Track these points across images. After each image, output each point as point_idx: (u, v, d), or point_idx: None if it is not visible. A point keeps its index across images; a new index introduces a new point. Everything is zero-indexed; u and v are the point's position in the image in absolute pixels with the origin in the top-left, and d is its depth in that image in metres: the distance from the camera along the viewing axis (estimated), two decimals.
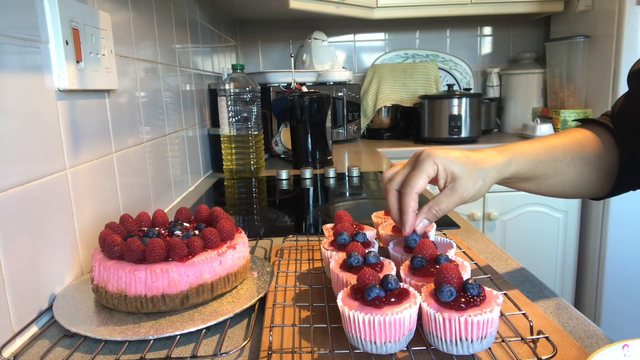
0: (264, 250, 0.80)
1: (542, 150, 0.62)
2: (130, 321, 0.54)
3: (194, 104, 1.40)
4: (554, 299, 0.59)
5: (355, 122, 2.17)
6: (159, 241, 0.55)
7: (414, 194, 0.56)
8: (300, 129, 1.54)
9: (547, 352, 0.45)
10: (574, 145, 0.63)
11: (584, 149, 0.63)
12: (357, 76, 2.51)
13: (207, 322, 0.53)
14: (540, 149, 0.62)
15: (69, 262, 0.65)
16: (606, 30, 1.88)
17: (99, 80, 0.74)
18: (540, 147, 0.62)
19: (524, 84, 2.31)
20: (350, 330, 0.45)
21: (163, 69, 1.11)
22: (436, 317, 0.43)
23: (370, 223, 0.75)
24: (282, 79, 1.89)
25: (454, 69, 2.48)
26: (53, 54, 0.63)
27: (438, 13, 2.15)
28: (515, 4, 2.13)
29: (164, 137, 1.10)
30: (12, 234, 0.53)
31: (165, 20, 1.15)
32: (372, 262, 0.54)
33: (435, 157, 0.56)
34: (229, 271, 0.59)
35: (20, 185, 0.55)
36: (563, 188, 0.65)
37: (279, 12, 2.15)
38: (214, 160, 1.55)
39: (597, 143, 0.64)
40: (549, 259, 2.00)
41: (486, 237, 0.83)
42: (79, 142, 0.69)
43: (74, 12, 0.67)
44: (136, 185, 0.91)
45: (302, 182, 1.36)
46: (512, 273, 0.68)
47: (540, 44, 2.44)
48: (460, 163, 0.56)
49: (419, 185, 0.56)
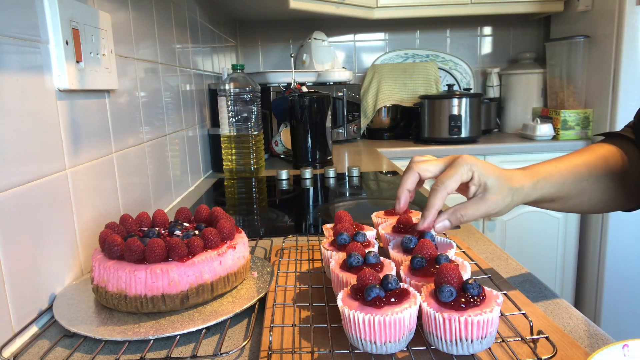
0: (264, 250, 0.80)
1: (567, 172, 0.61)
2: (130, 321, 0.54)
3: (194, 104, 1.40)
4: (554, 299, 0.59)
5: (355, 122, 2.17)
6: (159, 241, 0.55)
7: (444, 193, 0.56)
8: (300, 129, 1.54)
9: (547, 352, 0.45)
10: (599, 162, 0.63)
11: (608, 165, 0.63)
12: (357, 76, 2.51)
13: (207, 322, 0.53)
14: (564, 171, 0.61)
15: (69, 262, 0.65)
16: (606, 30, 1.88)
17: (99, 80, 0.74)
18: (564, 168, 0.61)
19: (524, 84, 2.31)
20: (350, 330, 0.45)
21: (163, 69, 1.11)
22: (436, 317, 0.43)
23: (370, 223, 0.75)
24: (282, 79, 1.89)
25: (454, 69, 2.48)
26: (53, 54, 0.63)
27: (438, 13, 2.15)
28: (515, 4, 2.13)
29: (164, 137, 1.10)
30: (12, 234, 0.53)
31: (165, 20, 1.15)
32: (372, 262, 0.54)
33: (472, 164, 0.56)
34: (229, 271, 0.59)
35: (20, 185, 0.55)
36: (589, 205, 0.64)
37: (279, 12, 2.14)
38: (214, 160, 1.55)
39: (621, 158, 0.63)
40: (549, 259, 2.00)
41: (486, 237, 0.83)
42: (79, 142, 0.69)
43: (74, 12, 0.67)
44: (136, 185, 0.91)
45: (302, 182, 1.36)
46: (512, 273, 0.68)
47: (540, 44, 2.44)
48: (495, 176, 0.56)
49: (452, 186, 0.56)
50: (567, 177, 0.61)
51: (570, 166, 0.62)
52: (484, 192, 0.56)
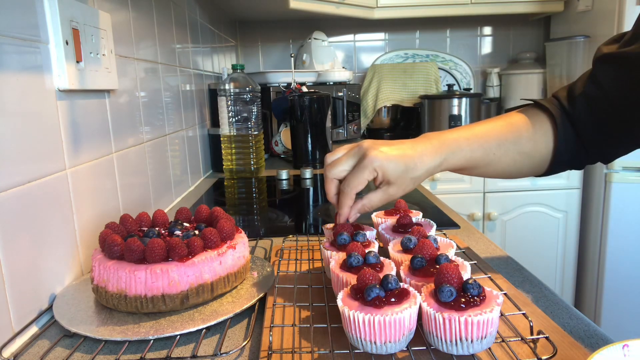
0: (264, 250, 0.80)
1: (476, 145, 0.64)
2: (130, 321, 0.54)
3: (194, 104, 1.40)
4: (554, 299, 0.59)
5: (355, 122, 2.17)
6: (159, 241, 0.55)
7: (353, 194, 0.63)
8: (300, 129, 1.54)
9: (547, 352, 0.45)
10: (510, 135, 0.65)
11: (520, 139, 0.65)
12: (357, 76, 2.51)
13: (207, 322, 0.53)
14: (474, 143, 0.64)
15: (69, 262, 0.65)
16: (606, 30, 1.88)
17: (99, 80, 0.74)
18: (474, 140, 0.64)
19: (524, 84, 2.31)
20: (350, 330, 0.45)
21: (163, 69, 1.11)
22: (436, 317, 0.43)
23: (370, 223, 0.75)
24: (282, 79, 1.89)
25: (454, 69, 2.48)
26: (53, 54, 0.63)
27: (438, 13, 2.15)
28: (515, 4, 2.13)
29: (164, 137, 1.10)
30: (12, 234, 0.53)
31: (165, 20, 1.15)
32: (372, 262, 0.54)
33: (374, 163, 0.61)
34: (229, 271, 0.59)
35: (20, 185, 0.55)
36: (496, 174, 0.68)
37: (279, 12, 2.14)
38: (214, 160, 1.55)
39: (534, 133, 0.65)
40: (549, 259, 2.00)
41: (486, 237, 0.83)
42: (79, 142, 0.69)
43: (74, 12, 0.67)
44: (136, 185, 0.91)
45: (302, 182, 1.36)
46: (512, 273, 0.68)
47: (540, 44, 2.44)
48: (397, 170, 0.62)
49: (358, 188, 0.63)
50: (476, 150, 0.64)
51: (482, 138, 0.64)
52: (387, 185, 0.63)
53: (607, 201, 1.84)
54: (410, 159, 0.62)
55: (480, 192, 1.96)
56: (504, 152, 0.65)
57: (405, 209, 0.75)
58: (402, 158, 0.62)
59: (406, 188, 0.63)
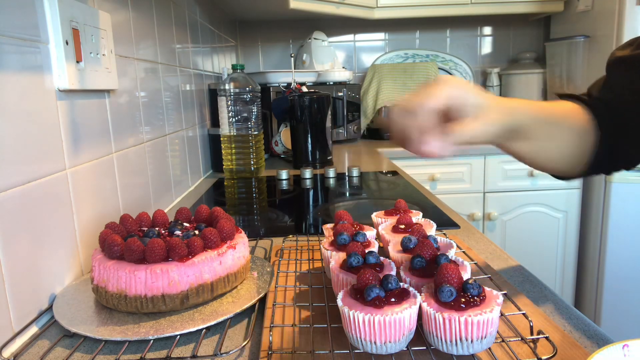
0: (264, 250, 0.80)
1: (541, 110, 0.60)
2: (130, 321, 0.54)
3: (194, 104, 1.40)
4: (554, 299, 0.59)
5: (355, 122, 2.17)
6: (159, 241, 0.55)
7: None
8: (300, 129, 1.54)
9: (547, 352, 0.45)
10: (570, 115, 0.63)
11: (577, 120, 0.62)
12: (357, 76, 2.51)
13: (207, 322, 0.53)
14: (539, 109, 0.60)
15: (69, 262, 0.65)
16: (606, 30, 1.88)
17: (99, 80, 0.74)
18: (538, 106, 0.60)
19: (524, 84, 2.31)
20: (350, 330, 0.45)
21: (163, 69, 1.11)
22: (436, 317, 0.43)
23: (370, 223, 0.75)
24: (282, 79, 1.89)
25: (454, 69, 2.48)
26: (53, 54, 0.63)
27: (438, 13, 2.15)
28: (515, 4, 2.13)
29: (164, 137, 1.10)
30: (12, 234, 0.53)
31: (165, 20, 1.15)
32: (372, 262, 0.54)
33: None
34: (229, 271, 0.59)
35: (20, 185, 0.55)
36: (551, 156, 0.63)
37: (279, 12, 2.14)
38: (214, 160, 1.55)
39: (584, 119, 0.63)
40: (549, 259, 2.00)
41: (486, 237, 0.83)
42: (79, 142, 0.69)
43: (74, 12, 0.67)
44: (136, 185, 0.91)
45: (302, 182, 1.36)
46: (512, 273, 0.68)
47: (540, 44, 2.44)
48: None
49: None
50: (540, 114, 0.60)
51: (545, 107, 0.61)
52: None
53: (607, 201, 1.83)
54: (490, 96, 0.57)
55: (480, 192, 1.96)
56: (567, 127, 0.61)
57: (405, 209, 0.75)
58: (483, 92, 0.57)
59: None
